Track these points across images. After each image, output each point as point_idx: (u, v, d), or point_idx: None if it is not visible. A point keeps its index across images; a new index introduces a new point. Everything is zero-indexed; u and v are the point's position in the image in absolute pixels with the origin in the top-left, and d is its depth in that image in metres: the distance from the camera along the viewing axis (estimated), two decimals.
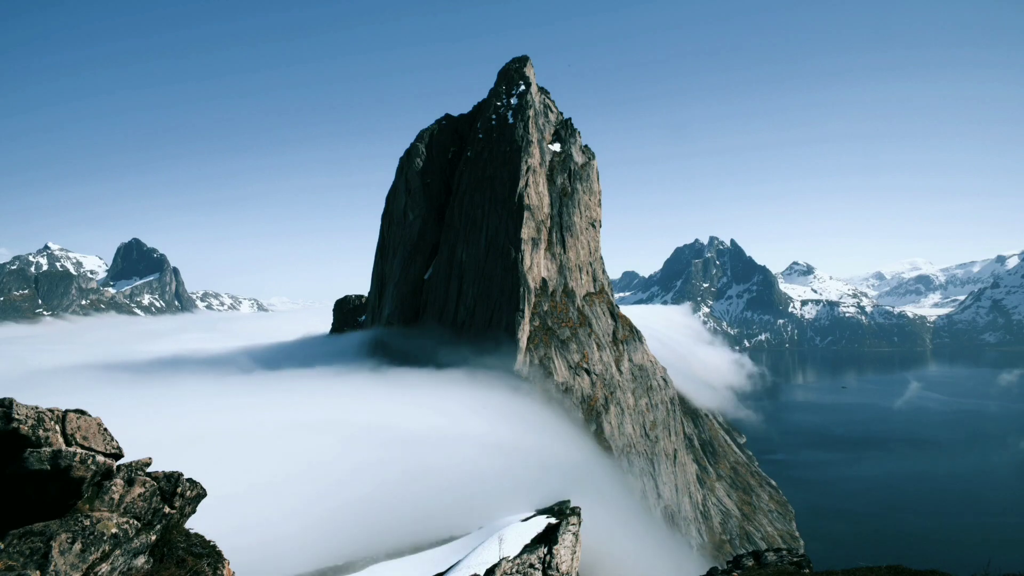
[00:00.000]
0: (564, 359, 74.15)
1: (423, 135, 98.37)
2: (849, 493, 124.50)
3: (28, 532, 6.88)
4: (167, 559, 8.66)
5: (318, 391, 75.29)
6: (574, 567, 17.56)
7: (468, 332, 78.31)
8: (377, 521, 37.72)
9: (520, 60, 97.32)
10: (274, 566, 30.38)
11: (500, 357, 71.04)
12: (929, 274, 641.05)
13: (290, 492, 41.63)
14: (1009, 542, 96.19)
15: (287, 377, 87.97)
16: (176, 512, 9.07)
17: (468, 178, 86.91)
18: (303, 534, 35.68)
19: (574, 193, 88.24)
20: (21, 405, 7.34)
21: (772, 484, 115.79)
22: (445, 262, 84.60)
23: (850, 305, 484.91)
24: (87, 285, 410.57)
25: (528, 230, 78.36)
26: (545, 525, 18.99)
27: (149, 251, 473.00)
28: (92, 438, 7.99)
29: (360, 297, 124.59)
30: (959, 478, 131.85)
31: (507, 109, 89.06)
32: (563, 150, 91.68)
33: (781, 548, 21.02)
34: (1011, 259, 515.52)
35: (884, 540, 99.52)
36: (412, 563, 25.93)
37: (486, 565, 16.90)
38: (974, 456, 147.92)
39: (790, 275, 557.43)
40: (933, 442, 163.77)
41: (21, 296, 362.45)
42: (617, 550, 49.25)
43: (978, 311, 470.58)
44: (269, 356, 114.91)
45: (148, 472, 8.82)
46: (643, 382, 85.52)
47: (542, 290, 78.74)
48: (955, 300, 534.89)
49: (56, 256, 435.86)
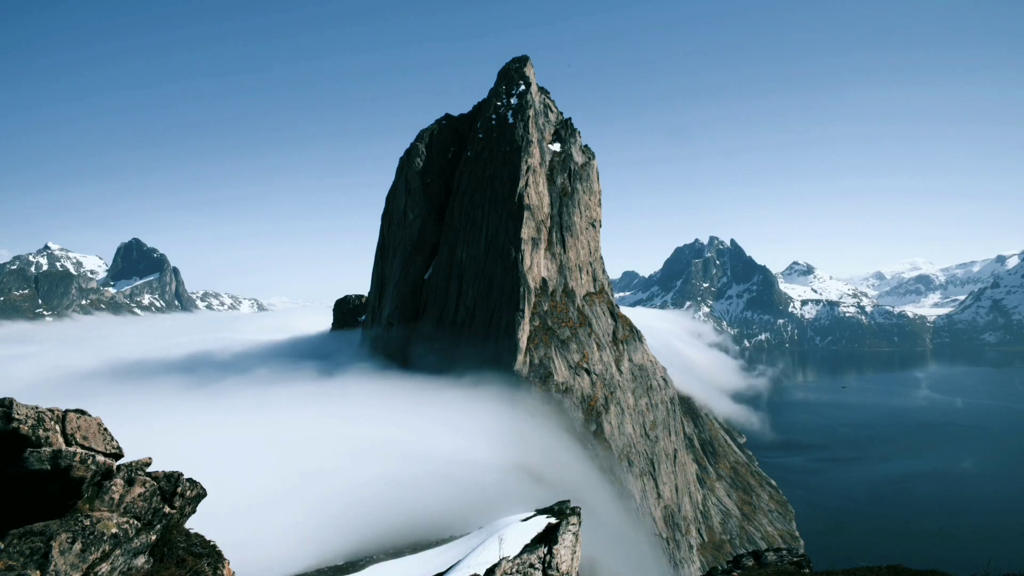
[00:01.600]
0: (564, 359, 74.13)
1: (423, 135, 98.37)
2: (849, 493, 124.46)
3: (28, 532, 6.88)
4: (167, 559, 8.66)
5: (318, 394, 75.36)
6: (574, 567, 17.56)
7: (468, 333, 78.30)
8: (377, 521, 37.71)
9: (520, 60, 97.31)
10: (274, 566, 30.38)
11: (498, 371, 70.80)
12: (929, 274, 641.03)
13: (290, 492, 41.66)
14: (1009, 542, 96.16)
15: (286, 378, 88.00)
16: (176, 512, 9.07)
17: (468, 178, 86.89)
18: (303, 534, 35.68)
19: (574, 193, 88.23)
20: (21, 405, 7.34)
21: (772, 484, 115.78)
22: (445, 262, 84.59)
23: (850, 305, 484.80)
24: (87, 285, 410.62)
25: (528, 230, 78.34)
26: (545, 525, 18.99)
27: (149, 251, 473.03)
28: (92, 438, 7.99)
29: (360, 297, 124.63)
30: (959, 478, 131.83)
31: (507, 109, 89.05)
32: (563, 150, 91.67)
33: (781, 548, 21.03)
34: (1011, 259, 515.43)
35: (884, 540, 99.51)
36: (412, 563, 25.88)
37: (486, 565, 16.90)
38: (974, 456, 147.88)
39: (790, 275, 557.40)
40: (933, 442, 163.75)
41: (21, 296, 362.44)
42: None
43: (978, 311, 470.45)
44: (271, 357, 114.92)
45: (148, 472, 8.82)
46: (643, 382, 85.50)
47: (542, 290, 78.73)
48: (955, 300, 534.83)
49: (56, 256, 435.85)
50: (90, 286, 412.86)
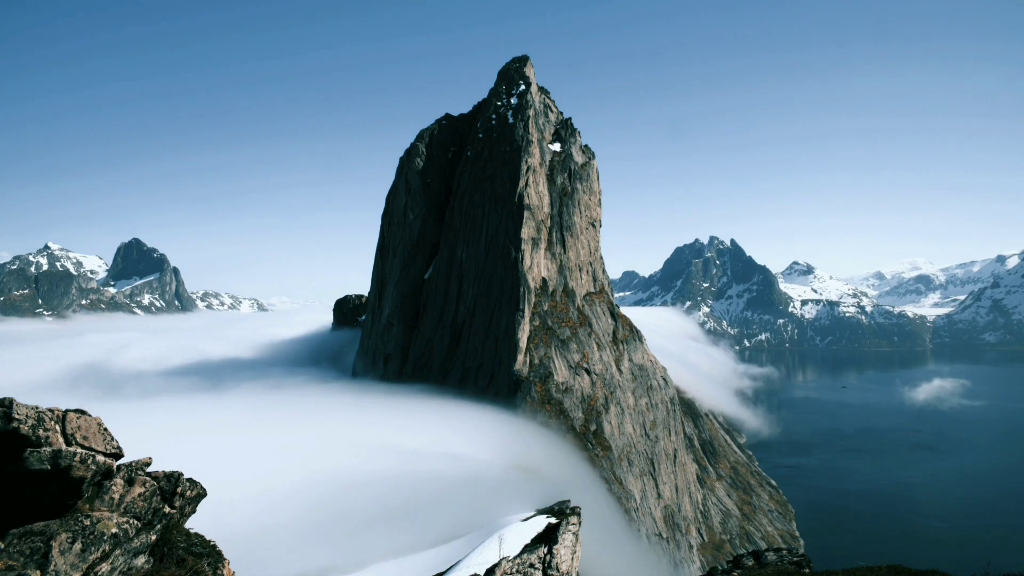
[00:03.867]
0: (564, 359, 74.14)
1: (423, 135, 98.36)
2: (849, 493, 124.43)
3: (28, 532, 6.88)
4: (167, 559, 8.66)
5: (318, 395, 75.40)
6: (574, 567, 17.56)
7: (468, 333, 78.32)
8: (377, 521, 37.72)
9: (520, 60, 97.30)
10: (274, 566, 30.38)
11: (498, 371, 70.73)
12: (929, 274, 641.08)
13: (290, 492, 41.65)
14: (1009, 542, 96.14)
15: (286, 378, 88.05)
16: (176, 512, 9.07)
17: (468, 178, 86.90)
18: (303, 534, 35.68)
19: (574, 193, 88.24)
20: (21, 405, 7.34)
21: (772, 484, 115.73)
22: (445, 262, 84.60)
23: (850, 305, 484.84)
24: (87, 285, 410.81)
25: (528, 230, 78.36)
26: (545, 525, 18.99)
27: (149, 251, 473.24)
28: (92, 438, 7.99)
29: (360, 297, 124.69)
30: (959, 478, 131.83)
31: (507, 109, 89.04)
32: (563, 150, 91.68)
33: (781, 548, 21.02)
34: (1011, 259, 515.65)
35: (884, 540, 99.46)
36: (412, 563, 25.90)
37: (486, 565, 16.90)
38: (974, 456, 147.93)
39: (790, 275, 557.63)
40: (933, 442, 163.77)
41: (21, 296, 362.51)
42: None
43: (978, 311, 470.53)
44: (271, 358, 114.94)
45: (148, 472, 8.82)
46: (643, 382, 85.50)
47: (542, 290, 78.74)
48: (955, 300, 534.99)
49: (56, 256, 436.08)
50: (90, 286, 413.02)
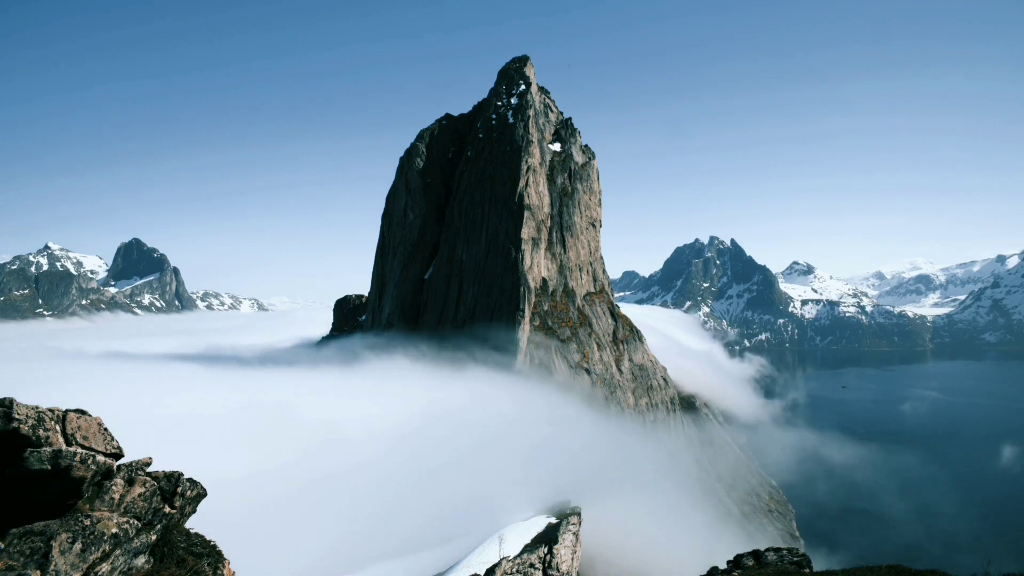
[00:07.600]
0: (564, 359, 74.14)
1: (423, 135, 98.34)
2: (850, 493, 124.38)
3: (28, 532, 6.88)
4: (167, 559, 8.66)
5: (318, 395, 75.28)
6: (574, 567, 17.56)
7: (468, 332, 78.30)
8: (378, 521, 37.72)
9: (520, 60, 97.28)
10: (274, 566, 30.37)
11: (498, 371, 70.85)
12: (929, 274, 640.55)
13: (290, 492, 41.64)
14: (1009, 542, 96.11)
15: (284, 380, 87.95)
16: (176, 512, 9.07)
17: (468, 178, 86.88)
18: (304, 534, 35.68)
19: (574, 193, 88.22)
20: (21, 405, 7.34)
21: (772, 484, 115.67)
22: (445, 262, 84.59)
23: (850, 305, 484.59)
24: (87, 285, 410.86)
25: (528, 230, 78.35)
26: (545, 525, 18.98)
27: (149, 251, 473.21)
28: (92, 438, 7.99)
29: (360, 297, 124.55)
30: (960, 478, 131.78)
31: (507, 109, 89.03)
32: (563, 150, 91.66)
33: (781, 548, 20.99)
34: (1011, 259, 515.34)
35: (884, 540, 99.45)
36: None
37: (486, 565, 16.90)
38: (975, 456, 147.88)
39: (790, 275, 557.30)
40: (934, 441, 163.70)
41: (21, 296, 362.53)
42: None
43: (978, 311, 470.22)
44: (272, 358, 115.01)
45: (148, 472, 8.82)
46: (643, 382, 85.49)
47: (542, 290, 78.73)
48: (955, 300, 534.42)
49: (56, 256, 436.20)
50: (90, 286, 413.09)
